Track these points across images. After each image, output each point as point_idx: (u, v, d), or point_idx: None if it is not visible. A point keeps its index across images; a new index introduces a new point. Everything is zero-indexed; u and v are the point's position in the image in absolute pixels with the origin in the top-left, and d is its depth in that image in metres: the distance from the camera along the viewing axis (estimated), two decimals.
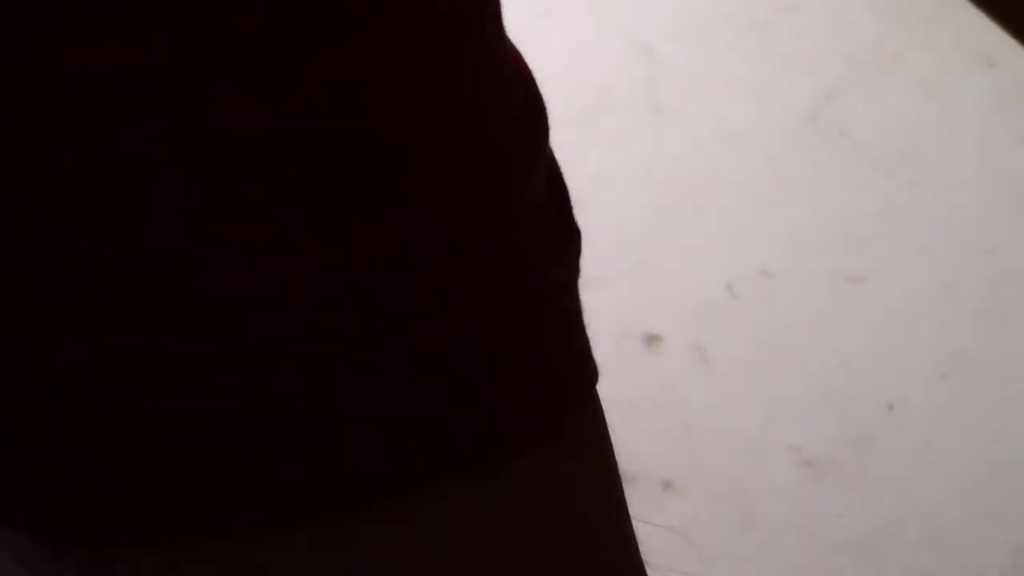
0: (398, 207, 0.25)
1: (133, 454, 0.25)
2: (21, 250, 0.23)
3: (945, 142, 0.90)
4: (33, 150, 0.22)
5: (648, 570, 0.31)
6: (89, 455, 0.25)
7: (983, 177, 0.89)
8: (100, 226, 0.23)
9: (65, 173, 0.23)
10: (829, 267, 0.85)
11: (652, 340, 0.82)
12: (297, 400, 0.25)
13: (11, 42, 0.22)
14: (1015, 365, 0.82)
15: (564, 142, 0.31)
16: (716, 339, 0.83)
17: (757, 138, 0.90)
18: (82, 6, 0.22)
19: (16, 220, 0.23)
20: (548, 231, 0.28)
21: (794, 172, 0.89)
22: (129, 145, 0.23)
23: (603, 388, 0.30)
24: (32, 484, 0.25)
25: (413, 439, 0.25)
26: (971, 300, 0.84)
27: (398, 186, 0.25)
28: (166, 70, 0.22)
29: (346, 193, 0.24)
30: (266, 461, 0.25)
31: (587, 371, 0.29)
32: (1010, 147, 0.90)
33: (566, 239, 0.29)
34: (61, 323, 0.24)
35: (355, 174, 0.24)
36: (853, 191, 0.88)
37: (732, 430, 0.79)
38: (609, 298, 0.82)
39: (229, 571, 0.26)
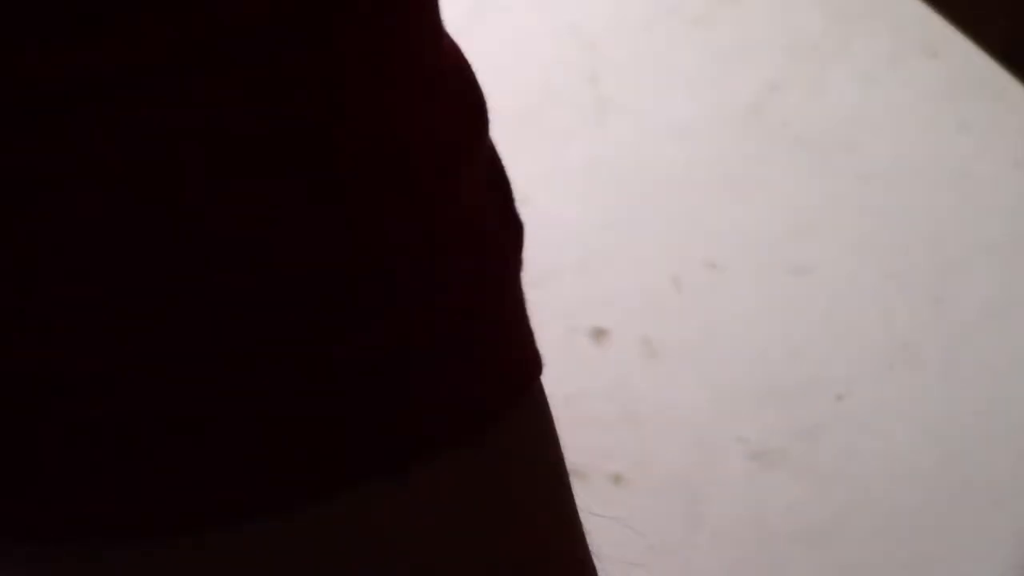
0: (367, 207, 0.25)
1: (131, 452, 0.25)
2: (21, 249, 0.23)
3: (889, 132, 0.91)
4: (33, 150, 0.23)
5: (597, 562, 0.31)
6: (87, 453, 0.25)
7: (928, 167, 0.89)
8: (100, 226, 0.23)
9: (65, 173, 0.23)
10: (775, 259, 0.86)
11: (599, 334, 0.82)
12: (297, 399, 0.25)
13: (11, 42, 0.22)
14: (962, 354, 0.82)
15: (507, 137, 0.31)
16: (663, 332, 0.83)
17: (701, 131, 0.90)
18: (82, 6, 0.22)
19: (16, 220, 0.23)
20: (488, 225, 0.28)
21: (738, 165, 0.89)
22: (129, 145, 0.23)
23: (551, 382, 0.30)
24: (30, 483, 0.25)
25: (348, 439, 0.26)
26: (917, 290, 0.85)
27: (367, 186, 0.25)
28: (166, 70, 0.22)
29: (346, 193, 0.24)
30: (266, 460, 0.25)
31: (529, 363, 0.29)
32: (954, 136, 0.90)
33: (507, 233, 0.29)
34: (62, 322, 0.24)
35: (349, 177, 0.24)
36: (798, 183, 0.89)
37: (681, 422, 0.80)
38: (556, 293, 0.82)
39: (228, 569, 0.26)
